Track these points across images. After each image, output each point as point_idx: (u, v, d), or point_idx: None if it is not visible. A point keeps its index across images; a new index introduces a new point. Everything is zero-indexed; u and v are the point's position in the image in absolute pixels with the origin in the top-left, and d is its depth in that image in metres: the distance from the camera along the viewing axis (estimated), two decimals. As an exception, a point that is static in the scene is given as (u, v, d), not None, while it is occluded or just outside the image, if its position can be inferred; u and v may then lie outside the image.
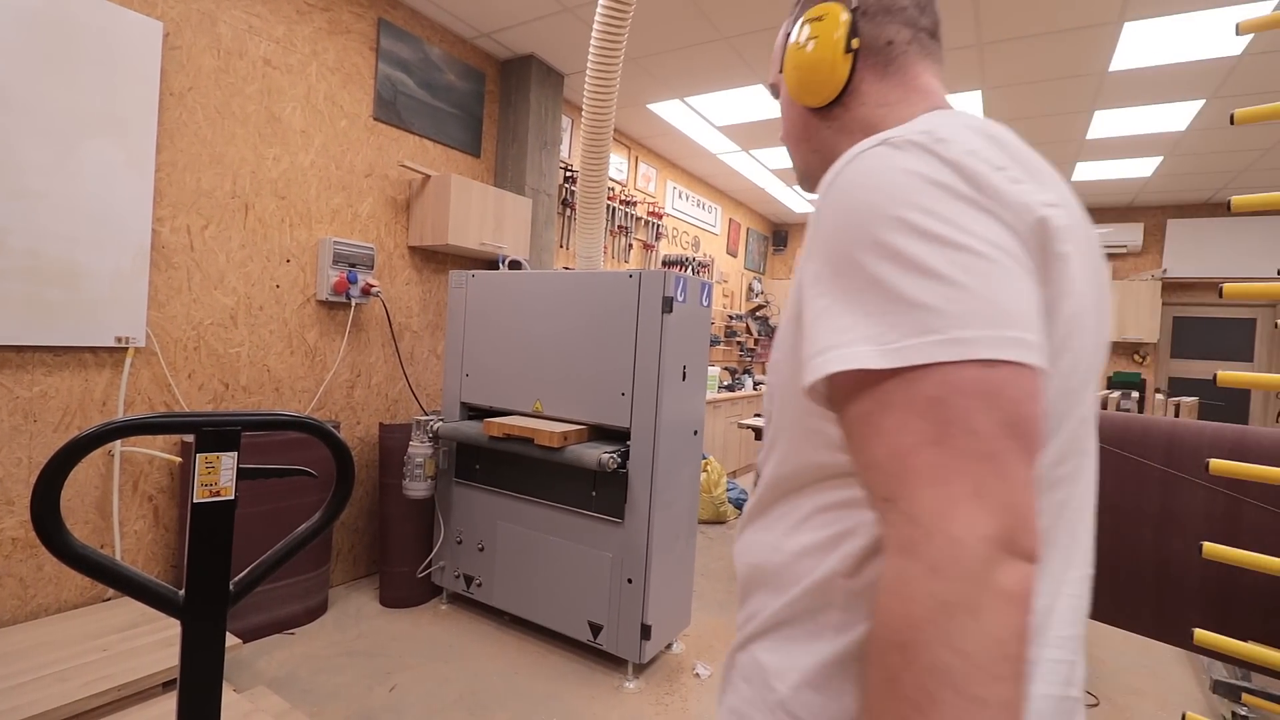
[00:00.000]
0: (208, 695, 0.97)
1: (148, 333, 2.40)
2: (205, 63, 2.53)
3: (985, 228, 0.46)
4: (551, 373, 2.66)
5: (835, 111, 0.70)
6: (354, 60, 3.09)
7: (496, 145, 3.98)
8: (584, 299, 2.58)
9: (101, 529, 2.34)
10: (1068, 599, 0.57)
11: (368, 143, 3.18)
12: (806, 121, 0.74)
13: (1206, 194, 5.96)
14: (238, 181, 2.67)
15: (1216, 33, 3.13)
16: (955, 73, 3.77)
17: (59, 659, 1.88)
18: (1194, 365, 6.41)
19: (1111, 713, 2.46)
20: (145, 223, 2.34)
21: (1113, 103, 4.05)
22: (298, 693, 2.26)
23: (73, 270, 2.16)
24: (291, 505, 2.58)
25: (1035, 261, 0.48)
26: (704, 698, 2.40)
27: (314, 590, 2.79)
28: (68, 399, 2.23)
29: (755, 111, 4.62)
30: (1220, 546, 0.89)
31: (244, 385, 2.75)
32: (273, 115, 2.77)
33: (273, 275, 2.82)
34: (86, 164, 2.18)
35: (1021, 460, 0.43)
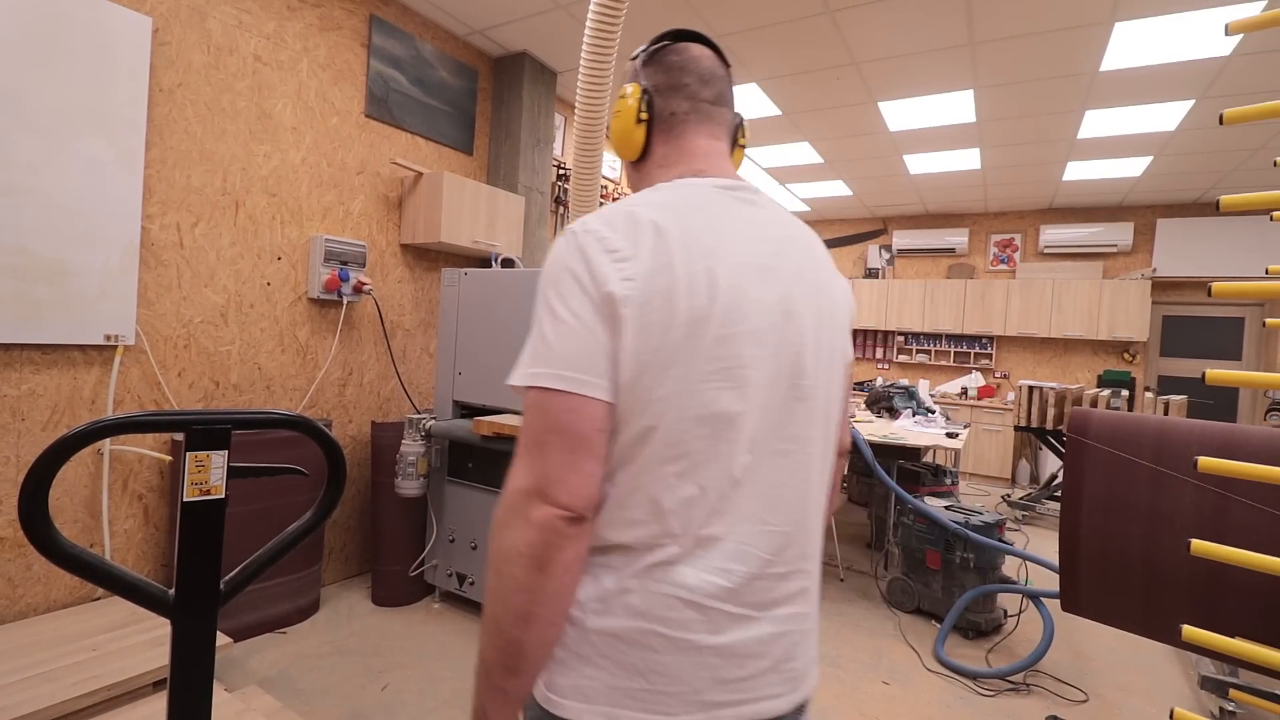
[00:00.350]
0: (198, 695, 0.96)
1: (137, 330, 2.38)
2: (195, 59, 2.51)
3: (577, 303, 0.73)
4: (545, 371, 2.65)
5: (640, 165, 0.94)
6: (345, 57, 3.07)
7: (489, 143, 3.96)
8: (577, 297, 2.57)
9: (91, 528, 2.32)
10: (736, 542, 0.78)
11: (359, 140, 3.16)
12: (628, 171, 0.98)
13: (1196, 193, 6.01)
14: (228, 178, 2.65)
15: (1206, 33, 3.16)
16: (947, 73, 3.78)
17: (48, 659, 1.87)
18: (1183, 364, 6.47)
19: (1101, 708, 2.49)
20: (134, 220, 2.32)
21: (1103, 102, 4.07)
22: (290, 692, 2.25)
23: (61, 268, 2.14)
24: (283, 504, 2.57)
25: (606, 322, 0.72)
26: (697, 695, 2.40)
27: (306, 589, 2.78)
28: (56, 397, 2.21)
29: (748, 110, 4.62)
30: (1208, 544, 0.90)
31: (235, 383, 2.73)
32: (263, 112, 2.75)
33: (263, 273, 2.81)
34: (75, 160, 2.16)
35: (560, 447, 0.71)
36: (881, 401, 4.89)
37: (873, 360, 7.97)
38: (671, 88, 0.93)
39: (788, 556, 0.82)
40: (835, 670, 2.66)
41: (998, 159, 5.37)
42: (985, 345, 7.18)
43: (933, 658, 2.80)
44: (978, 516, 3.17)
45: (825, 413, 0.85)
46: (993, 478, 6.65)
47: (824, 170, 6.02)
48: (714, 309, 0.74)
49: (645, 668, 0.76)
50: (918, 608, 3.24)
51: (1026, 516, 5.26)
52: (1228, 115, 0.92)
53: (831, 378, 0.85)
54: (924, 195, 6.71)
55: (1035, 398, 5.05)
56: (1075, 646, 3.00)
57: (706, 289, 0.74)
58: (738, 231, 0.81)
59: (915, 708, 2.42)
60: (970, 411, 6.70)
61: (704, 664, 0.76)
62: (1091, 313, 6.42)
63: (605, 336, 0.72)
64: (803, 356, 0.81)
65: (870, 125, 4.78)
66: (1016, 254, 7.13)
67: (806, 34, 3.45)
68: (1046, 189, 6.18)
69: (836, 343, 0.86)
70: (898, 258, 7.84)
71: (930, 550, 3.18)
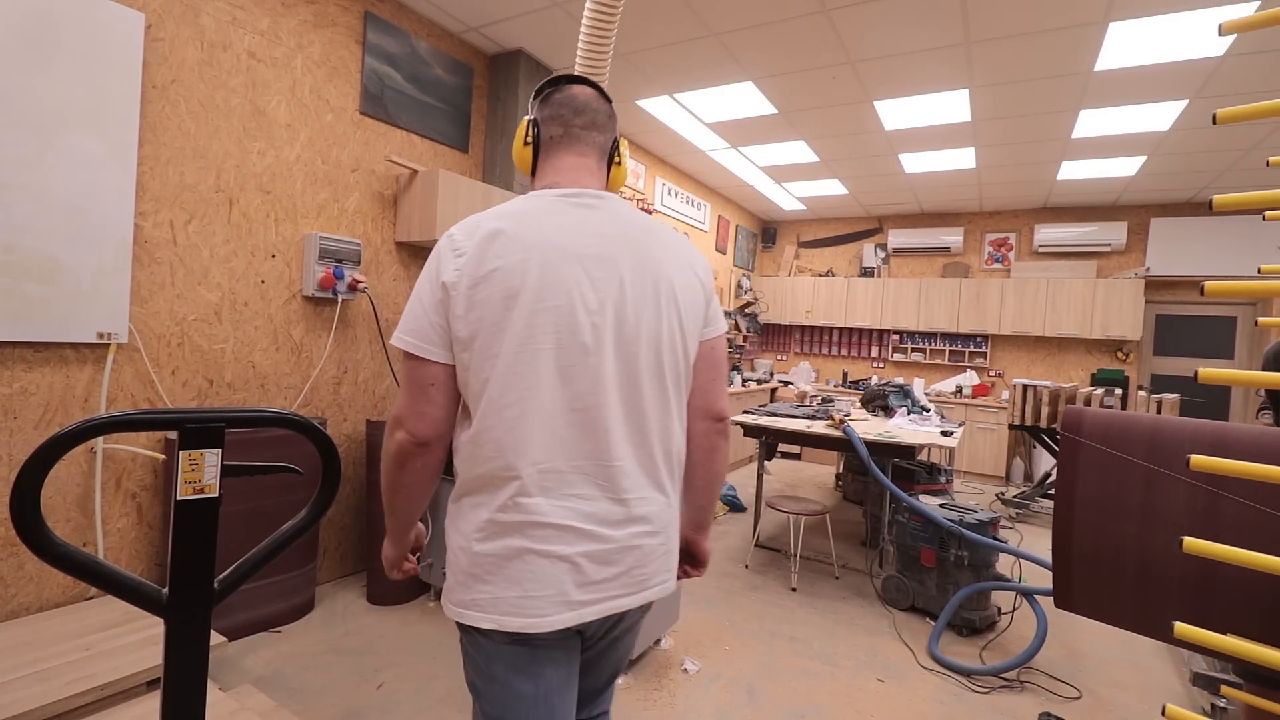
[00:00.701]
0: (192, 694, 0.96)
1: (130, 329, 2.36)
2: (188, 55, 2.50)
3: (427, 291, 1.02)
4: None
5: (533, 180, 1.19)
6: (340, 54, 3.06)
7: (485, 140, 3.95)
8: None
9: (84, 527, 2.31)
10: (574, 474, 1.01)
11: (354, 137, 3.15)
12: (531, 184, 1.20)
13: (1189, 193, 6.04)
14: (222, 176, 2.64)
15: (1200, 33, 3.17)
16: (942, 72, 3.79)
17: (41, 658, 1.86)
18: (1176, 362, 6.51)
19: (1094, 705, 2.50)
20: (127, 217, 2.31)
21: (1098, 102, 4.09)
22: (284, 691, 2.24)
23: (52, 265, 2.13)
24: (278, 503, 2.56)
25: (442, 305, 1.00)
26: (692, 693, 2.41)
27: (301, 588, 2.77)
28: (48, 395, 2.20)
29: (745, 108, 4.62)
30: (1201, 541, 0.90)
31: (229, 382, 2.72)
32: (257, 109, 2.74)
33: (258, 271, 2.79)
34: (66, 157, 2.14)
35: (409, 392, 1.02)
36: (877, 400, 4.90)
37: (868, 359, 7.99)
38: (551, 118, 1.16)
39: (626, 485, 1.05)
40: (830, 667, 2.67)
41: (993, 158, 5.38)
42: (980, 344, 7.21)
43: (927, 655, 2.81)
44: (972, 514, 3.19)
45: (655, 369, 1.07)
46: (987, 476, 6.67)
47: (819, 169, 6.03)
48: (526, 288, 0.99)
49: (522, 579, 0.99)
50: (912, 605, 3.26)
51: (1020, 514, 5.29)
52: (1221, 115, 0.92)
53: (660, 343, 1.07)
54: (919, 194, 6.73)
55: (1029, 396, 5.08)
56: (1069, 643, 3.02)
57: (521, 274, 0.99)
58: (564, 229, 1.04)
59: (910, 705, 2.43)
60: (965, 410, 6.73)
61: (567, 572, 1.00)
62: (1085, 312, 6.45)
63: (439, 317, 1.01)
64: (623, 325, 1.04)
65: (866, 124, 4.78)
66: (1011, 253, 7.15)
67: (802, 32, 3.45)
68: (1041, 188, 6.20)
69: (673, 317, 1.09)
70: (893, 256, 7.86)
71: (925, 548, 3.20)
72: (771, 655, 2.75)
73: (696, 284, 1.14)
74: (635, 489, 1.06)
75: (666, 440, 1.10)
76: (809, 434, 3.86)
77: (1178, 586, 1.08)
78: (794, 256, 8.52)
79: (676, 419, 1.12)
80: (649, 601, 1.11)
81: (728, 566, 3.78)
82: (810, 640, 2.90)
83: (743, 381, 6.88)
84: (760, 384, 7.15)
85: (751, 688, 2.48)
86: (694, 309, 1.13)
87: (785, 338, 8.55)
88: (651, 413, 1.07)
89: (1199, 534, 0.92)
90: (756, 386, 6.93)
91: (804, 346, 8.44)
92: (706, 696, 2.40)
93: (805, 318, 8.07)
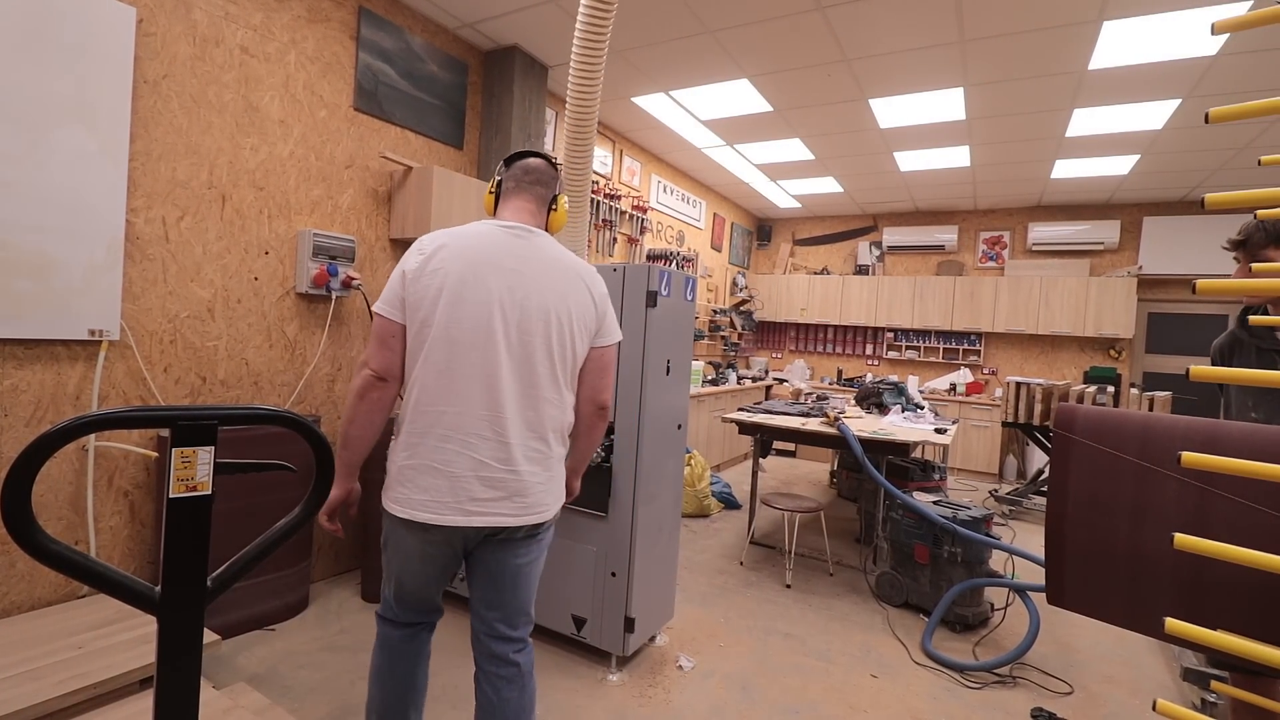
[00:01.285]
0: (185, 692, 0.96)
1: (122, 325, 2.35)
2: (180, 50, 2.48)
3: (396, 275, 1.50)
4: (536, 367, 2.65)
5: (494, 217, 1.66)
6: (334, 49, 3.04)
7: (479, 137, 3.94)
8: (568, 293, 2.57)
9: (76, 525, 2.29)
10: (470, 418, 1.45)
11: (348, 133, 3.14)
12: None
13: (1182, 192, 6.07)
14: (214, 172, 2.62)
15: (1193, 32, 3.18)
16: (937, 70, 3.80)
17: (32, 657, 1.85)
18: (1168, 360, 6.55)
19: (1086, 700, 2.52)
20: (119, 213, 2.29)
21: (1091, 101, 4.10)
22: (278, 689, 2.24)
23: (43, 261, 2.11)
24: (271, 500, 2.55)
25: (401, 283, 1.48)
26: (687, 690, 2.41)
27: (294, 586, 2.77)
28: (39, 393, 2.18)
29: (740, 106, 4.62)
30: (1192, 538, 0.91)
31: (222, 379, 2.71)
32: (250, 104, 2.72)
33: (251, 267, 2.78)
34: (57, 152, 2.12)
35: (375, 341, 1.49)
36: (871, 398, 4.92)
37: (863, 356, 8.02)
38: (510, 176, 1.66)
39: (512, 433, 1.47)
40: (824, 664, 2.68)
41: (987, 156, 5.40)
42: (974, 342, 7.24)
43: (920, 651, 2.83)
44: (965, 511, 3.20)
45: (545, 354, 1.50)
46: (980, 473, 6.71)
47: (815, 167, 6.04)
48: (448, 287, 1.45)
49: (429, 486, 1.44)
50: (906, 602, 3.27)
51: (1013, 511, 5.32)
52: (1213, 114, 0.92)
53: (550, 337, 1.50)
54: (914, 192, 6.75)
55: (1022, 394, 5.10)
56: (1061, 639, 3.04)
57: (447, 275, 1.45)
58: (495, 248, 1.50)
59: (903, 700, 2.44)
60: (959, 407, 6.76)
61: (461, 488, 1.44)
62: (1078, 310, 6.48)
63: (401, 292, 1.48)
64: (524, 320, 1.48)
65: (861, 122, 4.79)
66: (1005, 251, 7.18)
67: (798, 30, 3.45)
68: (1035, 187, 6.23)
69: (564, 320, 1.52)
70: (888, 254, 7.87)
71: (919, 545, 3.21)
72: (766, 652, 2.75)
73: (589, 302, 1.58)
74: (519, 438, 1.48)
75: (549, 407, 1.52)
76: (804, 431, 3.87)
77: (1169, 583, 1.09)
78: (789, 254, 8.53)
79: (562, 393, 1.55)
80: (527, 524, 1.51)
81: (722, 564, 3.79)
82: (805, 637, 2.91)
83: (738, 379, 6.89)
84: (755, 382, 7.16)
85: (746, 684, 2.49)
86: (584, 319, 1.57)
87: (780, 335, 8.56)
88: (539, 385, 1.50)
89: (1190, 530, 0.92)
90: (751, 384, 6.95)
91: (799, 344, 8.46)
92: (701, 693, 2.40)
93: (800, 315, 8.09)
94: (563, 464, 1.62)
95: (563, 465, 1.62)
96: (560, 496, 1.62)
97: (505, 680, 1.57)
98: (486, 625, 1.58)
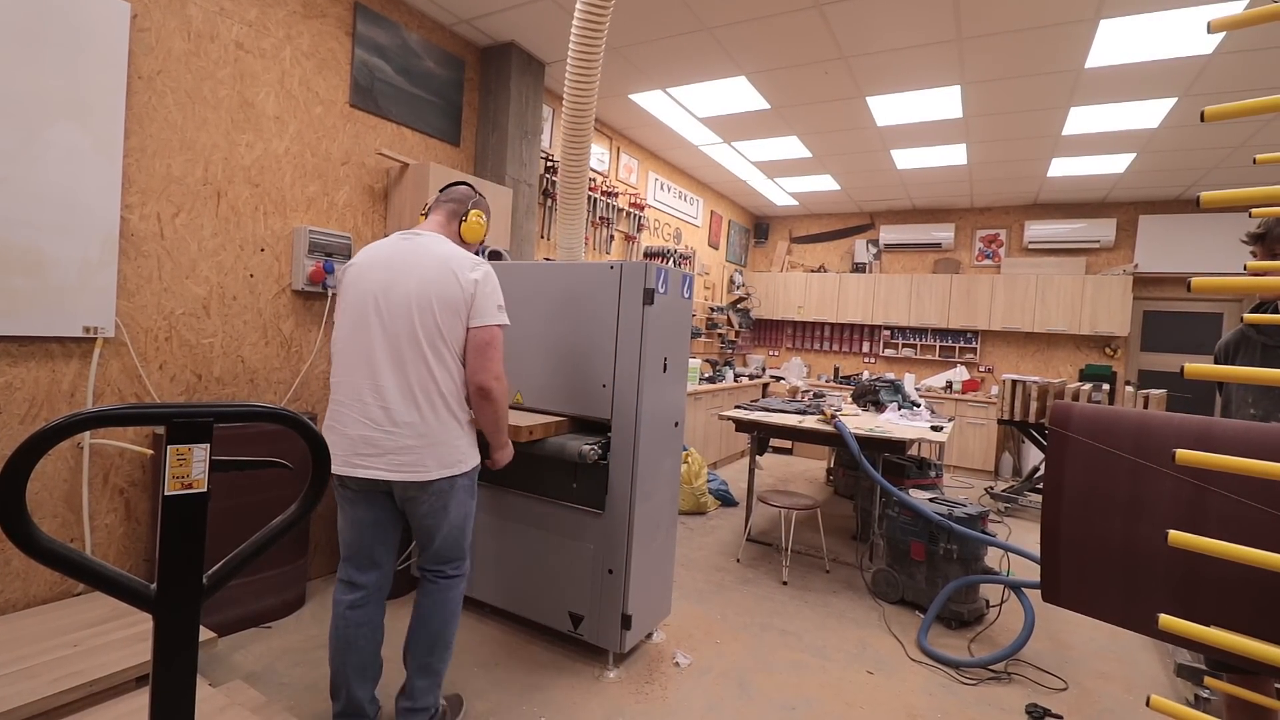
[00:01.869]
0: (181, 690, 0.95)
1: (117, 323, 2.34)
2: (175, 45, 2.46)
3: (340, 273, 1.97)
4: (532, 364, 2.65)
5: None
6: (329, 45, 3.03)
7: (476, 134, 3.93)
8: (565, 290, 2.56)
9: (71, 523, 2.29)
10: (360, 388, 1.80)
11: (344, 130, 3.12)
12: None
13: (1177, 190, 6.09)
14: (209, 168, 2.61)
15: (1189, 31, 3.19)
16: (935, 68, 3.80)
17: (28, 655, 1.85)
18: (1163, 358, 6.57)
19: (1080, 696, 2.53)
20: (113, 210, 2.28)
21: (1088, 99, 4.11)
22: (275, 686, 2.23)
23: (37, 258, 2.10)
24: (268, 498, 2.55)
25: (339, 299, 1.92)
26: (684, 686, 2.42)
27: (291, 583, 2.76)
28: (34, 390, 2.17)
29: (737, 104, 4.61)
30: (1186, 535, 0.91)
31: (217, 376, 2.70)
32: (245, 100, 2.71)
33: (246, 264, 2.77)
34: (51, 149, 2.11)
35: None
36: (868, 395, 4.93)
37: (860, 354, 8.03)
38: (435, 198, 2.05)
39: (390, 400, 1.77)
40: (820, 660, 2.69)
41: (984, 155, 5.40)
42: (970, 340, 7.26)
43: (916, 647, 2.84)
44: (961, 509, 3.21)
45: (411, 333, 1.78)
46: (976, 470, 6.73)
47: (812, 164, 6.03)
48: (348, 285, 1.87)
49: (334, 443, 1.78)
50: (902, 598, 3.28)
51: (1009, 508, 5.34)
52: (1209, 112, 0.93)
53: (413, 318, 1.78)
54: (911, 190, 6.75)
55: (1018, 391, 5.12)
56: (1055, 636, 3.05)
57: (346, 284, 1.88)
58: (382, 252, 1.88)
59: (899, 696, 2.45)
60: (955, 405, 6.77)
61: (350, 445, 1.78)
62: (1074, 308, 6.50)
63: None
64: (393, 305, 1.79)
65: (858, 120, 4.79)
66: (1001, 249, 7.20)
67: (795, 27, 3.44)
68: (1031, 185, 6.24)
69: (427, 303, 1.79)
70: (885, 253, 7.88)
71: (914, 542, 3.22)
72: (762, 648, 2.76)
73: (456, 287, 1.80)
74: (396, 403, 1.77)
75: (421, 379, 1.78)
76: (800, 429, 3.87)
77: (1163, 580, 1.09)
78: (786, 252, 8.53)
79: (434, 366, 1.79)
80: (402, 480, 1.78)
81: (719, 561, 3.79)
82: (801, 633, 2.92)
83: (735, 377, 6.89)
84: (752, 379, 7.16)
85: (743, 681, 2.50)
86: (449, 301, 1.80)
87: (777, 333, 8.57)
88: (408, 358, 1.78)
89: (1184, 527, 0.93)
90: (749, 382, 6.95)
91: (796, 342, 8.46)
92: (698, 689, 2.41)
93: (797, 313, 8.09)
94: (456, 431, 1.85)
95: (456, 432, 1.84)
96: (453, 463, 1.83)
97: (424, 591, 2.00)
98: (420, 556, 2.01)
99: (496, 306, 1.87)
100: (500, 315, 1.88)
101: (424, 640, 1.97)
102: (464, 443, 1.88)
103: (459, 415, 1.85)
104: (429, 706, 1.97)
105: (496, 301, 1.88)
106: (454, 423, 1.84)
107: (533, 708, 2.22)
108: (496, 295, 1.88)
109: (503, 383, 1.88)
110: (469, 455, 1.90)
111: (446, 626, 1.99)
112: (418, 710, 1.95)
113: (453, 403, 1.83)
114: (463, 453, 1.87)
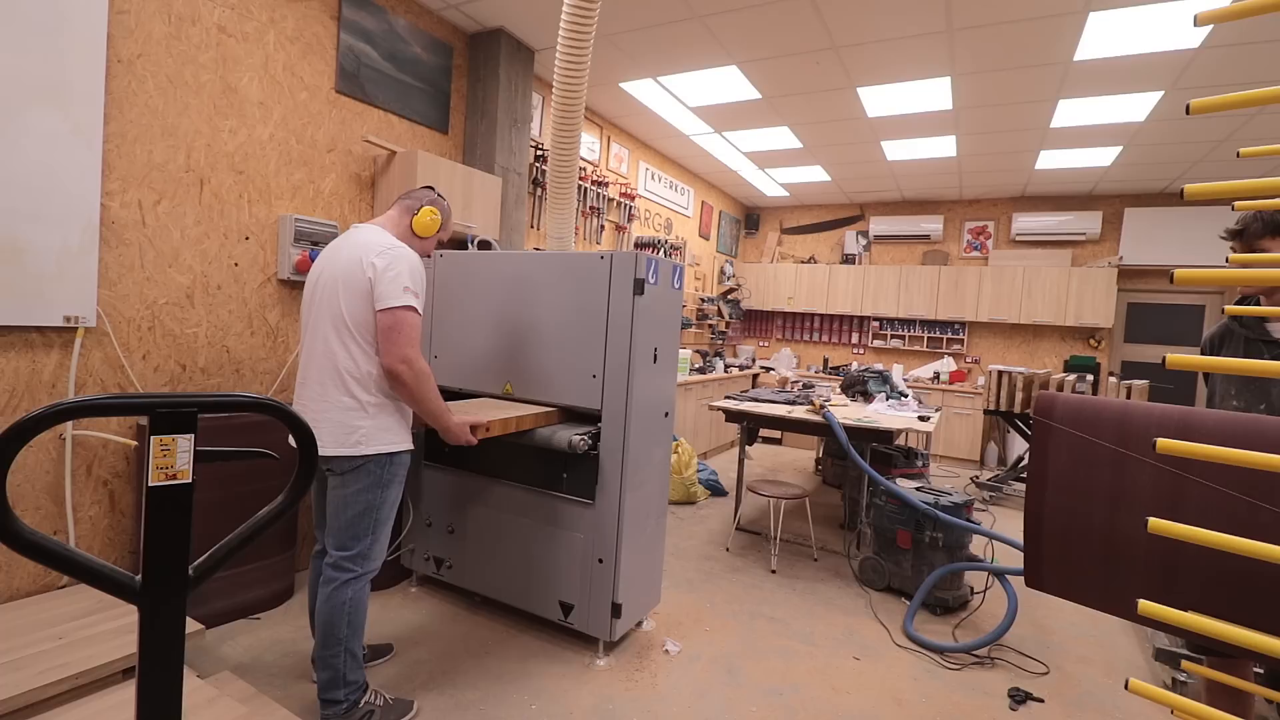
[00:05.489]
0: (168, 681, 0.95)
1: (98, 312, 2.30)
2: (155, 28, 2.41)
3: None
4: (522, 355, 2.64)
5: None
6: (314, 29, 2.98)
7: (465, 122, 3.89)
8: (555, 280, 2.55)
9: (54, 515, 2.26)
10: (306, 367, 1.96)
11: (330, 116, 3.08)
12: None
13: (1163, 184, 6.15)
14: (192, 155, 2.57)
15: (1176, 25, 3.21)
16: (925, 59, 3.80)
17: (12, 648, 1.83)
18: (1146, 349, 6.66)
19: (1061, 679, 2.58)
20: (93, 197, 2.24)
21: (1076, 92, 4.13)
22: (264, 677, 2.23)
23: (15, 246, 2.06)
24: (255, 489, 2.53)
25: None
26: (673, 673, 2.44)
27: (279, 574, 2.75)
28: (14, 381, 2.14)
29: (728, 93, 4.59)
30: (1165, 522, 0.93)
31: (202, 367, 2.67)
32: (228, 85, 2.66)
33: (231, 253, 2.73)
34: (28, 134, 2.07)
35: None
36: (856, 385, 4.96)
37: (849, 345, 8.07)
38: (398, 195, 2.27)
39: (310, 375, 1.92)
40: (808, 646, 2.72)
41: (973, 146, 5.42)
42: (957, 331, 7.31)
43: (902, 634, 2.88)
44: (947, 497, 3.25)
45: (326, 319, 1.89)
46: (962, 460, 6.80)
47: (803, 155, 6.03)
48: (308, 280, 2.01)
49: None
50: (888, 586, 3.32)
51: (994, 497, 5.41)
52: (1194, 105, 0.93)
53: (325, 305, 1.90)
54: (901, 181, 6.77)
55: (1004, 382, 5.17)
56: (1038, 621, 3.10)
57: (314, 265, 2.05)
58: (338, 243, 2.00)
59: (885, 681, 2.49)
60: (942, 395, 6.83)
61: None
62: (1060, 300, 6.57)
63: None
64: (316, 294, 1.95)
65: (849, 111, 4.79)
66: (989, 241, 7.24)
67: (786, 16, 3.43)
68: (1019, 177, 6.27)
69: (336, 289, 1.89)
70: (874, 244, 7.91)
71: (901, 530, 3.26)
72: (751, 635, 2.79)
73: (361, 270, 1.86)
74: (312, 381, 1.91)
75: (320, 360, 1.89)
76: (790, 419, 3.89)
77: (1143, 566, 1.11)
78: (777, 243, 8.54)
79: (336, 348, 1.87)
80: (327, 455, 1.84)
81: (709, 550, 3.82)
82: (789, 620, 2.95)
83: (725, 367, 6.91)
84: (742, 370, 7.18)
85: (731, 667, 2.52)
86: (354, 284, 1.86)
87: (767, 324, 8.59)
88: (323, 343, 1.89)
89: (1164, 515, 0.94)
90: (739, 372, 6.97)
91: (786, 333, 8.49)
92: (687, 676, 2.43)
93: (787, 304, 8.12)
94: (354, 412, 1.88)
95: (352, 413, 1.88)
96: (349, 443, 1.86)
97: (322, 579, 1.96)
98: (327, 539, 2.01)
99: (402, 289, 1.85)
100: (405, 297, 1.85)
101: (319, 629, 1.94)
102: (367, 424, 1.88)
103: (359, 396, 1.88)
104: (335, 699, 1.91)
105: (402, 284, 1.85)
106: (349, 401, 1.87)
107: (523, 695, 2.24)
108: (402, 279, 1.85)
109: (413, 365, 1.86)
110: (372, 438, 1.88)
111: (334, 625, 1.90)
112: (323, 701, 1.92)
113: (351, 383, 1.87)
114: (363, 434, 1.87)
